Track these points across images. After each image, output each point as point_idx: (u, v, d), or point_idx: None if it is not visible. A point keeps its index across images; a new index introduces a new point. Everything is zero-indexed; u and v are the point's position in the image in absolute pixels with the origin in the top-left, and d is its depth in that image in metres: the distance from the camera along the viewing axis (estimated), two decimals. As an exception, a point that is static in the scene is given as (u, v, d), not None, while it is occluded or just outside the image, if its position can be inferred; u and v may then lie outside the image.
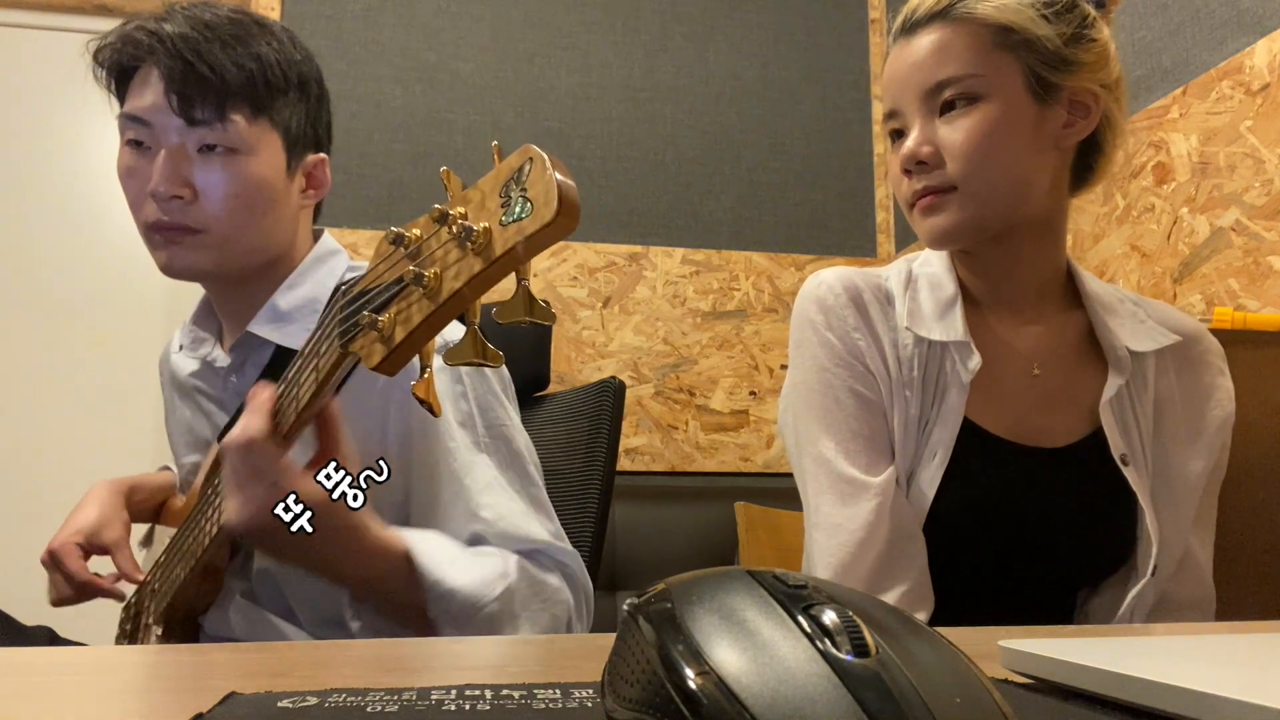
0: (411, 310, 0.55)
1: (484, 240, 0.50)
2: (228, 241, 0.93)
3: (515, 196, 0.49)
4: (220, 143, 0.91)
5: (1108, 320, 0.95)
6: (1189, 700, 0.30)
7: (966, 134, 0.88)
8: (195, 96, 0.89)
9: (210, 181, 0.91)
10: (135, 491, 1.09)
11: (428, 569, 0.80)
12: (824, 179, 2.69)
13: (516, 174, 0.49)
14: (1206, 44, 1.67)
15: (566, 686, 0.37)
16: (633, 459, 2.45)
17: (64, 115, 2.48)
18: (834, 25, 2.75)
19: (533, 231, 0.48)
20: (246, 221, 0.93)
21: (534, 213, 0.48)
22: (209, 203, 0.91)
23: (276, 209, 0.95)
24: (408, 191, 2.45)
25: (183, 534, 0.89)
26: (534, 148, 0.49)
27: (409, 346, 0.56)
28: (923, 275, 0.97)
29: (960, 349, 0.92)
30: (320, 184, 1.01)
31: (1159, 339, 0.95)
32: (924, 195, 0.90)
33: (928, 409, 0.92)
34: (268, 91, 0.92)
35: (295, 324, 0.94)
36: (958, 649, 0.27)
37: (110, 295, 2.47)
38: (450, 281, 0.52)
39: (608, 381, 1.25)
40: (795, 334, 0.97)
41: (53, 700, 0.38)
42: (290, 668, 0.45)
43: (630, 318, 2.53)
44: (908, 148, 0.90)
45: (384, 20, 2.50)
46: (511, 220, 0.49)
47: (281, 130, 0.95)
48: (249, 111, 0.91)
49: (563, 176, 0.47)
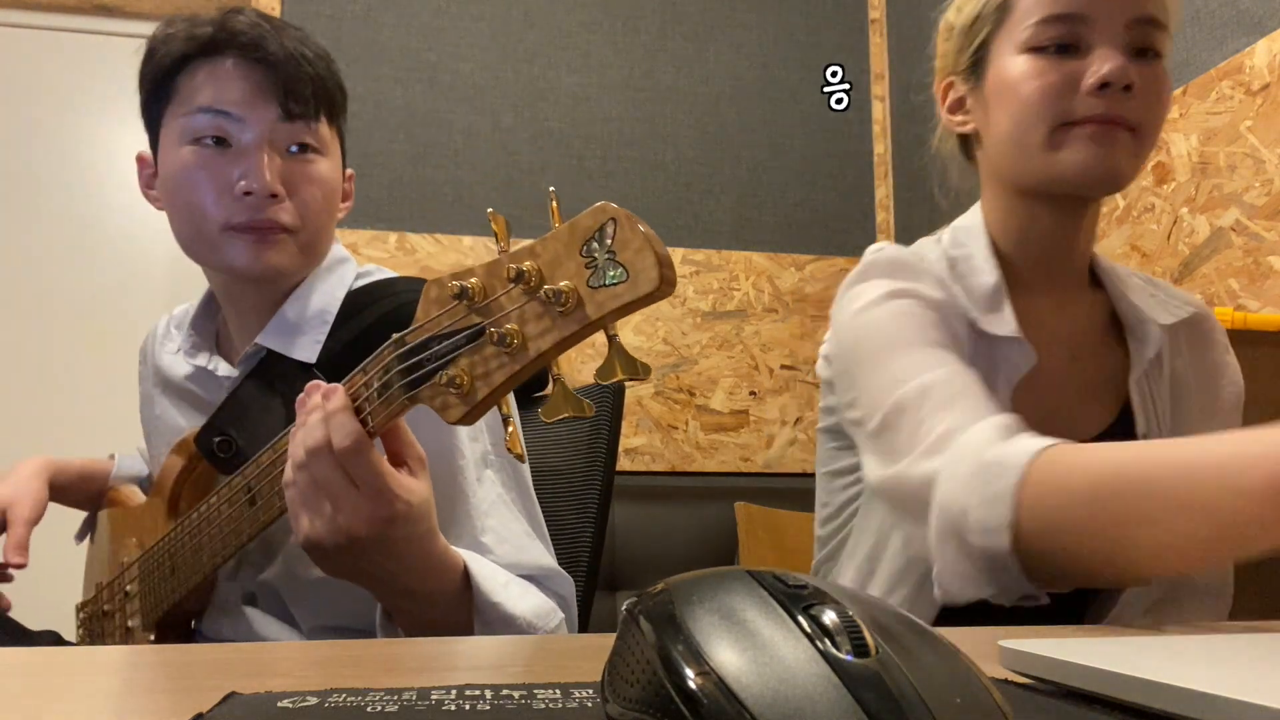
0: (492, 368, 0.54)
1: (573, 302, 0.49)
2: (311, 244, 0.92)
3: (602, 259, 0.48)
4: (310, 142, 0.90)
5: (1130, 296, 0.93)
6: (1189, 700, 0.30)
7: (1159, 83, 0.85)
8: (297, 94, 0.88)
9: (301, 181, 0.90)
10: (60, 474, 1.08)
11: (487, 590, 0.76)
12: (824, 179, 2.69)
13: (598, 234, 0.48)
14: (1206, 44, 1.67)
15: (566, 686, 0.37)
16: (633, 459, 2.45)
17: (64, 115, 2.48)
18: (834, 25, 2.75)
19: (630, 300, 0.47)
20: (326, 224, 0.93)
21: (630, 280, 0.47)
22: (299, 203, 0.90)
23: (336, 216, 0.96)
24: (408, 191, 2.45)
25: (174, 547, 0.88)
26: (612, 206, 0.48)
27: (489, 402, 0.56)
28: (960, 259, 0.92)
29: (1012, 346, 0.87)
30: (349, 197, 1.01)
31: (1176, 311, 0.93)
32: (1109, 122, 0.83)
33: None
34: (342, 98, 0.94)
35: (305, 335, 0.93)
36: (958, 649, 0.27)
37: (110, 295, 2.47)
38: (536, 342, 0.52)
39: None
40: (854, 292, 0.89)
41: (53, 700, 0.38)
42: (290, 668, 0.45)
43: (630, 318, 2.52)
44: (1115, 66, 0.82)
45: (384, 20, 2.50)
46: (602, 285, 0.48)
47: (341, 139, 0.96)
48: (329, 115, 0.92)
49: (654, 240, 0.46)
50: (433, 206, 2.46)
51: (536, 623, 0.79)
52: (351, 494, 0.65)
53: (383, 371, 0.63)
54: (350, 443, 0.64)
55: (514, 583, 0.81)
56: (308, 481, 0.66)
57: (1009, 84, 0.87)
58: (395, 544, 0.68)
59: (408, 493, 0.67)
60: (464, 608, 0.77)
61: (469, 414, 0.57)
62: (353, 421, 0.65)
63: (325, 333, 0.92)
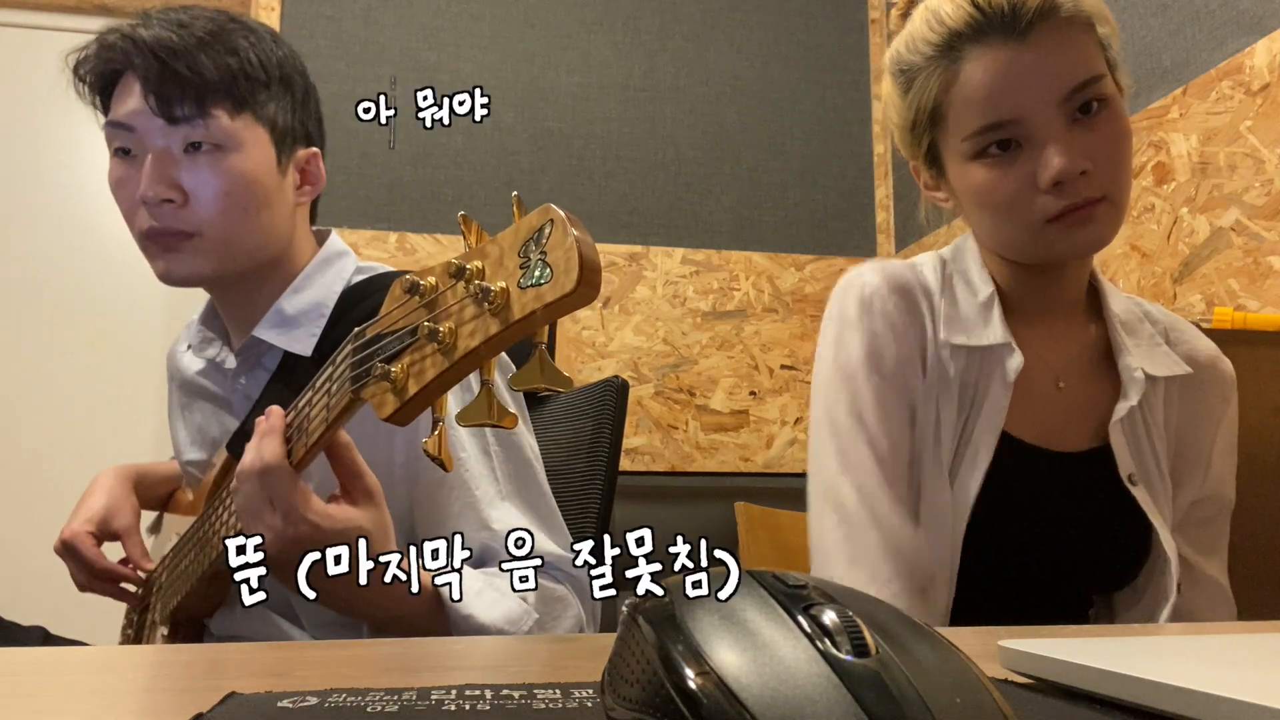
0: (425, 364, 0.54)
1: (501, 301, 0.49)
2: (224, 244, 0.91)
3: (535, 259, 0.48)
4: (205, 140, 0.89)
5: (1126, 340, 0.93)
6: (1189, 700, 0.30)
7: (1112, 140, 0.83)
8: (174, 95, 0.88)
9: (199, 181, 0.89)
10: (143, 479, 1.09)
11: (456, 607, 0.77)
12: (824, 179, 2.69)
13: (537, 235, 0.48)
14: (1206, 44, 1.67)
15: (566, 686, 0.37)
16: (633, 459, 2.45)
17: (64, 115, 2.48)
18: (834, 25, 2.75)
19: (551, 300, 0.47)
20: (240, 221, 0.91)
21: (553, 280, 0.46)
22: (200, 204, 0.89)
23: (270, 207, 0.93)
24: (408, 191, 2.45)
25: (192, 535, 0.89)
26: (554, 208, 0.48)
27: (421, 400, 0.56)
28: (957, 274, 0.94)
29: (1002, 350, 0.89)
30: (314, 179, 0.99)
31: (1172, 368, 0.93)
32: (1079, 208, 0.83)
33: (965, 410, 0.89)
34: (248, 85, 0.91)
35: (301, 328, 0.93)
36: (958, 649, 0.27)
37: (110, 295, 2.47)
38: (465, 339, 0.52)
39: (611, 381, 1.24)
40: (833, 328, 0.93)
41: (52, 700, 0.38)
42: (290, 668, 0.45)
43: (630, 318, 2.52)
44: (1062, 163, 0.81)
45: (384, 20, 2.50)
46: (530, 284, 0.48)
47: (267, 125, 0.93)
48: (230, 106, 0.90)
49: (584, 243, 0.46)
50: (433, 206, 2.46)
51: (508, 629, 0.81)
52: (267, 513, 0.69)
53: (339, 364, 0.64)
54: (264, 465, 0.69)
55: (488, 589, 0.82)
56: (240, 498, 0.71)
57: (971, 192, 0.88)
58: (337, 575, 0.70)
59: (322, 517, 0.69)
60: (442, 621, 0.78)
61: (399, 410, 0.57)
62: (276, 443, 0.69)
63: (322, 326, 0.92)
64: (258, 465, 0.69)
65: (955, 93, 0.85)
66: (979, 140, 0.84)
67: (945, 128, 0.87)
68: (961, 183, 0.89)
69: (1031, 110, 0.82)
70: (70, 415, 2.38)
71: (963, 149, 0.86)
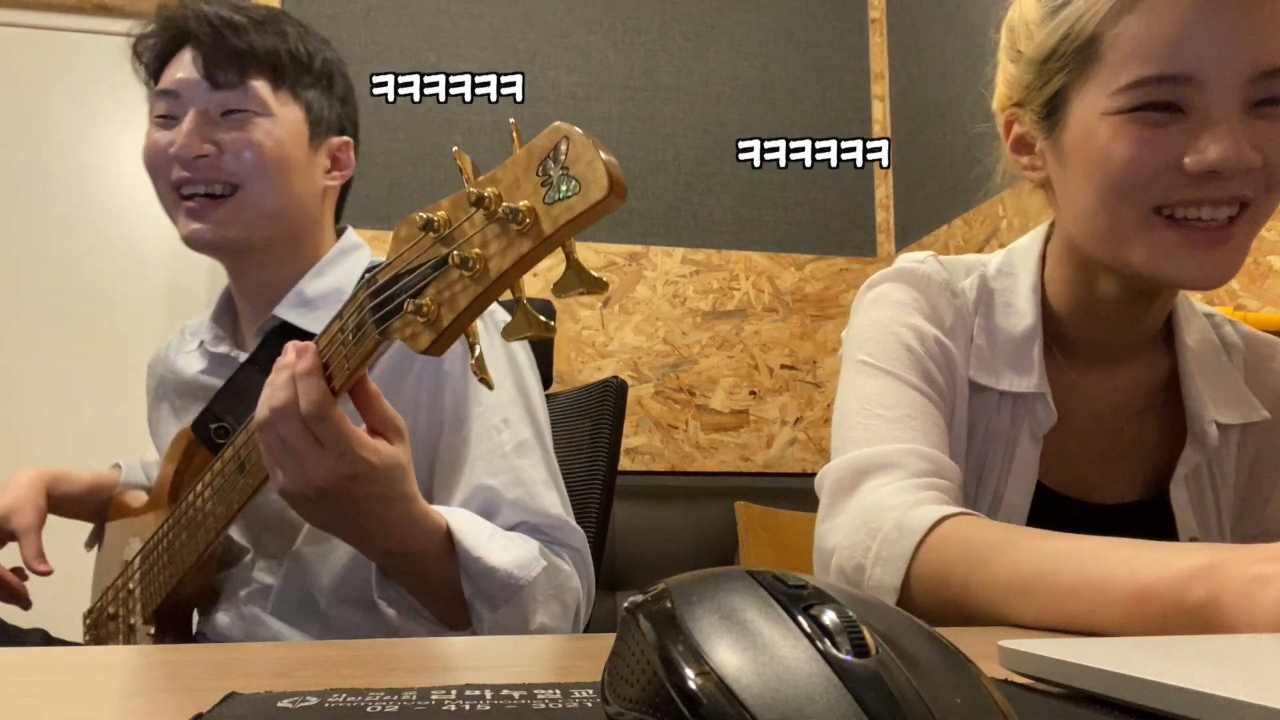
0: (456, 292, 0.55)
1: (530, 220, 0.50)
2: (253, 206, 0.95)
3: (557, 176, 0.49)
4: (242, 106, 0.95)
5: (1198, 380, 0.80)
6: (1189, 700, 0.30)
7: None
8: (221, 62, 0.94)
9: (232, 139, 0.94)
10: (59, 483, 1.09)
11: (468, 547, 0.80)
12: (824, 179, 2.69)
13: (553, 153, 0.49)
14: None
15: (566, 686, 0.37)
16: (633, 459, 2.45)
17: (64, 115, 2.48)
18: (834, 25, 2.75)
19: (583, 210, 0.48)
20: (268, 179, 0.95)
21: (583, 191, 0.48)
22: (231, 158, 0.94)
23: (299, 174, 0.98)
24: (408, 191, 2.45)
25: (173, 526, 0.89)
26: (565, 125, 0.49)
27: (456, 329, 0.57)
28: (999, 291, 0.81)
29: (1036, 401, 0.78)
30: (345, 166, 1.04)
31: (1249, 414, 0.81)
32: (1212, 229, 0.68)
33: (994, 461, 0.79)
34: (291, 64, 0.97)
35: (321, 311, 0.96)
36: (958, 649, 0.27)
37: (110, 295, 2.47)
38: (497, 262, 0.53)
39: (610, 381, 1.25)
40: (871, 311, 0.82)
41: (52, 700, 0.38)
42: (290, 668, 0.45)
43: (630, 317, 2.53)
44: (1228, 152, 0.65)
45: (384, 20, 2.50)
46: (558, 199, 0.49)
47: (303, 106, 0.99)
48: (271, 79, 0.96)
49: (606, 154, 0.48)
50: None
51: (518, 573, 0.82)
52: (316, 451, 0.69)
53: (356, 311, 0.65)
54: (314, 407, 0.68)
55: (498, 535, 0.84)
56: (275, 439, 0.69)
57: (1094, 154, 0.71)
58: (364, 501, 0.71)
59: (372, 452, 0.70)
60: (452, 565, 0.80)
61: (436, 341, 0.58)
62: (320, 384, 0.68)
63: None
64: (303, 407, 0.68)
65: (1127, 25, 0.68)
66: (1137, 94, 0.68)
67: (1095, 68, 0.70)
68: (1089, 143, 0.71)
69: (1215, 76, 0.66)
70: (70, 415, 2.38)
71: (1113, 103, 0.69)
